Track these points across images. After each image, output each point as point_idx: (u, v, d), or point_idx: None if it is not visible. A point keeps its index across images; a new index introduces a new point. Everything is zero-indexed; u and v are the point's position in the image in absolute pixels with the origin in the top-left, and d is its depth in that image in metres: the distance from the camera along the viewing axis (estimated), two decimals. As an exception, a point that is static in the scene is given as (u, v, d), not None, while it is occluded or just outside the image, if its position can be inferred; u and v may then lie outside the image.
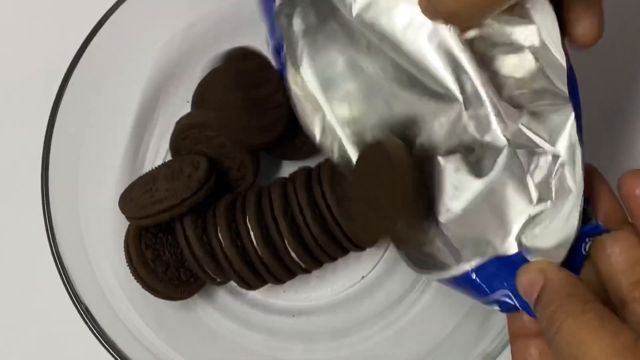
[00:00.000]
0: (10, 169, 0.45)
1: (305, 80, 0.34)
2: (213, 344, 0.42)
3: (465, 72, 0.27)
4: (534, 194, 0.27)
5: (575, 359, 0.24)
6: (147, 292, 0.39)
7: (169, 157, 0.43)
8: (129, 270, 0.39)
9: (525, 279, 0.28)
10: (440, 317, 0.41)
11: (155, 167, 0.41)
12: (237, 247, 0.39)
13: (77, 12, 0.45)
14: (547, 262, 0.28)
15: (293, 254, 0.39)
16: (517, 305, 0.29)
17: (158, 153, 0.44)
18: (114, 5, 0.38)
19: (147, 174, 0.41)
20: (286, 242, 0.38)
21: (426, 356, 0.39)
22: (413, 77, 0.28)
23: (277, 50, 0.35)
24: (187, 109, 0.43)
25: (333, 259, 0.40)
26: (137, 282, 0.39)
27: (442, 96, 0.28)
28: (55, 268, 0.37)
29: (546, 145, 0.26)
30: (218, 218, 0.39)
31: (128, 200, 0.39)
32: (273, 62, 0.36)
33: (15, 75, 0.46)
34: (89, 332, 0.36)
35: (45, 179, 0.37)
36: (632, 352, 0.23)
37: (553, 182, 0.27)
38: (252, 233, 0.38)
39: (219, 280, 0.40)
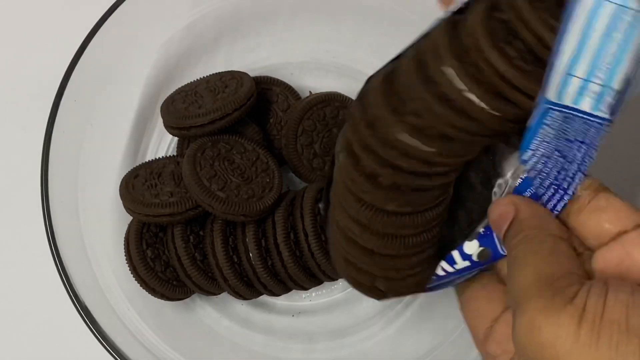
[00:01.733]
0: (10, 169, 0.45)
1: None
2: (213, 344, 0.42)
3: None
4: None
5: (511, 278, 0.25)
6: (147, 292, 0.39)
7: (168, 157, 0.43)
8: (128, 269, 0.39)
9: (497, 211, 0.28)
10: (439, 317, 0.41)
11: (191, 82, 0.42)
12: (233, 264, 0.39)
13: (77, 12, 0.45)
14: (520, 196, 0.28)
15: (294, 277, 0.39)
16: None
17: (158, 153, 0.44)
18: (113, 5, 0.38)
19: (185, 86, 0.42)
20: (287, 268, 0.39)
21: (426, 356, 0.39)
22: None
23: None
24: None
25: (334, 280, 0.41)
26: (135, 279, 0.39)
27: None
28: (55, 268, 0.37)
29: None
30: (215, 233, 0.39)
31: (172, 111, 0.40)
32: None
33: (15, 75, 0.46)
34: (89, 332, 0.36)
35: (45, 179, 0.37)
36: (547, 285, 0.23)
37: None
38: (250, 254, 0.39)
39: (212, 292, 0.40)
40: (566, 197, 0.27)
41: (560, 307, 0.22)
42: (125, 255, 0.39)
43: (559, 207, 0.28)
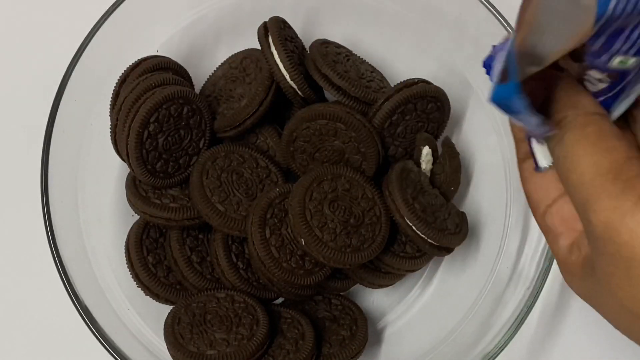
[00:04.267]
0: (10, 169, 0.45)
1: None
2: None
3: None
4: None
5: (566, 172, 0.24)
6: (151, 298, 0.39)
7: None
8: (131, 276, 0.39)
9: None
10: (440, 317, 0.41)
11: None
12: (238, 270, 0.38)
13: (76, 12, 0.45)
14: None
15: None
16: None
17: (158, 153, 0.44)
18: (113, 4, 0.38)
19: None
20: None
21: (426, 356, 0.39)
22: None
23: None
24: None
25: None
26: (139, 287, 0.39)
27: None
28: (55, 268, 0.37)
29: None
30: (217, 243, 0.38)
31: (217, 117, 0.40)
32: None
33: (15, 75, 0.46)
34: (89, 332, 0.36)
35: (45, 179, 0.37)
36: (615, 173, 0.22)
37: None
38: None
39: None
40: None
41: (632, 204, 0.21)
42: (126, 263, 0.39)
43: None
